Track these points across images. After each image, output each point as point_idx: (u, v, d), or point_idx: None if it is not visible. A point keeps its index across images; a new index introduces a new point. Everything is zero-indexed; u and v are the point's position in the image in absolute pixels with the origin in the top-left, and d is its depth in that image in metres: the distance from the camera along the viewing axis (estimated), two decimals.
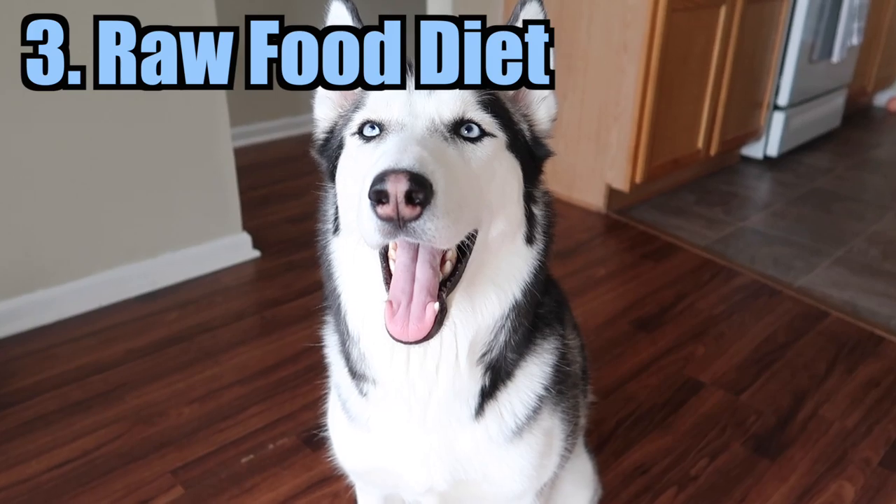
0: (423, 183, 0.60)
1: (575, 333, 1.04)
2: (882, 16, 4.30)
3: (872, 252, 2.73)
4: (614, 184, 2.96)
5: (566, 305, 1.04)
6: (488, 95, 0.75)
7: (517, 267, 0.79)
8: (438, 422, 0.80)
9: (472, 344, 0.77)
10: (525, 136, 0.81)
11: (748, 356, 2.02)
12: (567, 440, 0.92)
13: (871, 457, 1.64)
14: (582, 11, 2.83)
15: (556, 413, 0.87)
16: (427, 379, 0.78)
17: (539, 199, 0.82)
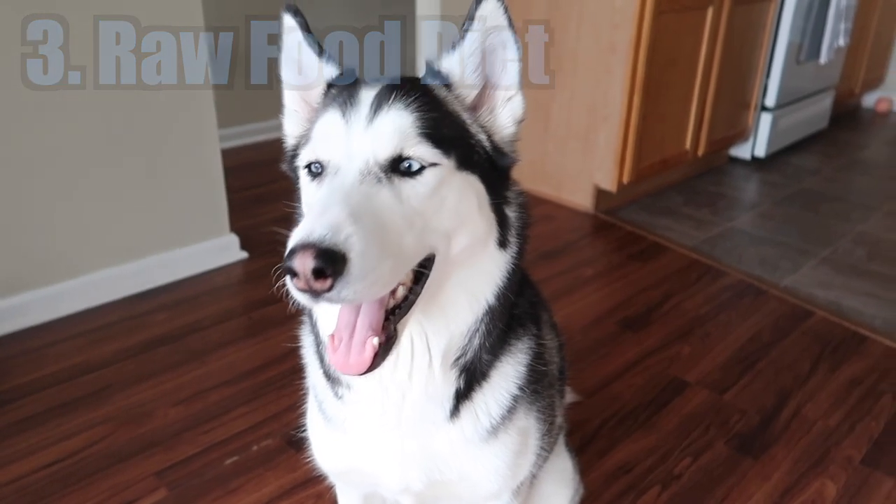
0: (333, 257, 0.60)
1: (553, 334, 1.05)
2: (869, 17, 4.33)
3: (858, 252, 2.75)
4: (602, 184, 2.97)
5: (544, 306, 1.05)
6: (432, 117, 0.72)
7: (489, 272, 0.78)
8: (413, 424, 0.81)
9: (447, 350, 0.78)
10: (484, 147, 0.78)
11: (733, 356, 2.04)
12: (543, 439, 0.93)
13: (853, 455, 1.66)
14: (571, 13, 2.85)
15: (532, 412, 0.88)
16: (400, 384, 0.78)
17: (512, 201, 0.82)
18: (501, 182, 0.80)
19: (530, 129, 3.15)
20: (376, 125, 0.70)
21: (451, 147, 0.72)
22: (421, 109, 0.71)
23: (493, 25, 0.75)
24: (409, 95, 0.72)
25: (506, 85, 0.79)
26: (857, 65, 4.49)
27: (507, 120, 0.80)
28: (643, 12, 2.63)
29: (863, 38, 4.38)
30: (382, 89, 0.73)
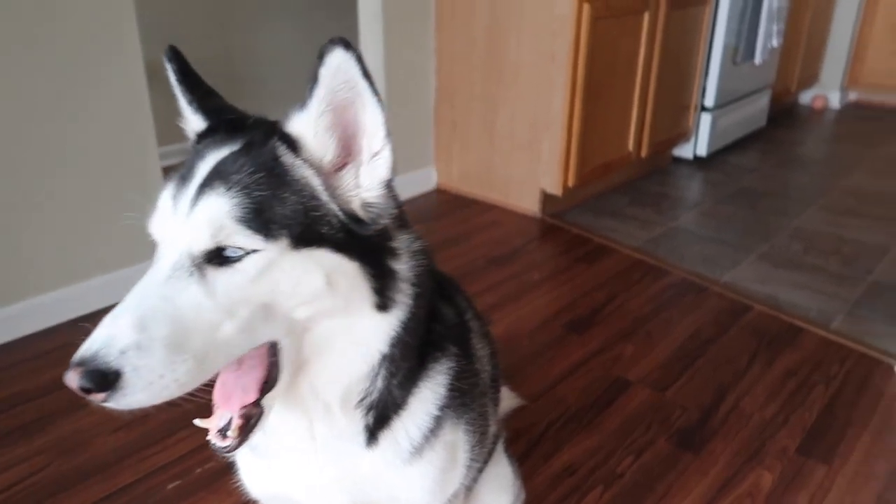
0: (102, 376, 0.60)
1: (484, 342, 1.06)
2: (801, 18, 4.49)
3: (794, 246, 2.84)
4: (548, 189, 3.01)
5: (475, 315, 1.06)
6: (259, 198, 0.66)
7: (372, 331, 0.75)
8: (329, 455, 0.82)
9: (344, 396, 0.77)
10: (336, 218, 0.71)
11: (674, 353, 2.09)
12: (474, 450, 0.94)
13: (788, 445, 1.71)
14: (511, 24, 2.89)
15: (460, 426, 0.89)
16: (306, 426, 0.79)
17: (402, 252, 0.77)
18: (379, 242, 0.74)
19: (477, 136, 3.18)
20: (195, 213, 0.66)
21: (283, 227, 0.66)
22: (245, 190, 0.65)
23: (343, 80, 0.68)
24: (236, 173, 0.66)
25: (367, 141, 0.71)
26: (792, 64, 4.64)
27: (370, 180, 0.73)
28: (580, 19, 2.68)
29: (796, 39, 4.54)
30: (218, 162, 0.68)
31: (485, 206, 3.21)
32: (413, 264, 0.77)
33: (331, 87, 0.68)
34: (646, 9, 3.00)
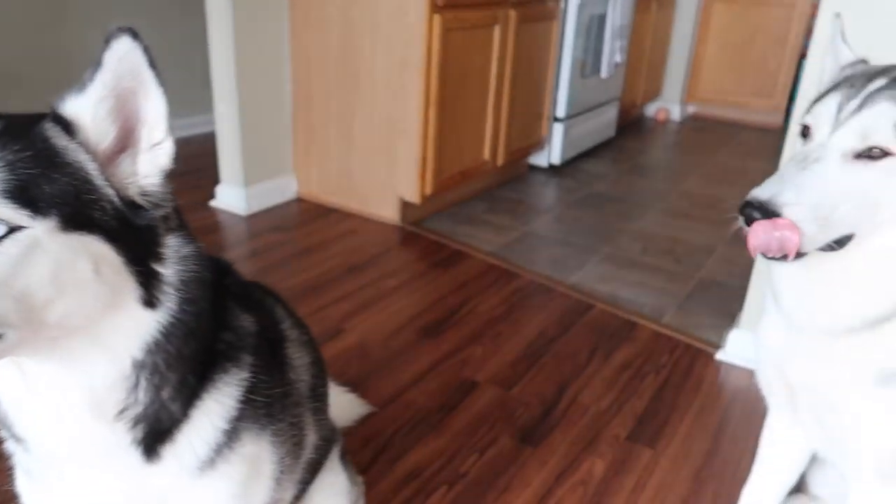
0: None
1: (304, 351, 1.05)
2: (643, 36, 4.83)
3: (635, 247, 3.05)
4: (407, 197, 3.05)
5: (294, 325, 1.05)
6: (29, 174, 0.63)
7: (128, 331, 0.72)
8: (107, 473, 0.78)
9: (95, 404, 0.73)
10: (112, 202, 0.69)
11: (521, 352, 2.17)
12: (284, 462, 0.93)
13: (619, 433, 1.83)
14: (365, 31, 2.90)
15: (264, 438, 0.87)
16: (66, 439, 0.75)
17: (170, 257, 0.74)
18: (149, 238, 0.72)
19: (335, 145, 3.16)
20: None
21: (52, 206, 0.64)
22: (9, 167, 0.62)
23: (128, 68, 0.68)
24: (3, 148, 0.63)
25: (148, 130, 0.72)
26: (636, 79, 4.98)
27: (149, 168, 0.72)
28: (431, 30, 2.74)
29: (639, 56, 4.88)
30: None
31: (344, 215, 3.20)
32: (180, 269, 0.75)
33: (116, 72, 0.69)
34: (496, 22, 3.11)
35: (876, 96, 0.90)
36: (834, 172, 0.90)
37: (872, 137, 0.89)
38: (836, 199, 0.89)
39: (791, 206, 0.87)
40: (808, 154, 0.92)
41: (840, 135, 0.91)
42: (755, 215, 0.87)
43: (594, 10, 3.86)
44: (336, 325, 2.27)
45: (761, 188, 0.89)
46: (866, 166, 0.90)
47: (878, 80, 0.93)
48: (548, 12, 3.54)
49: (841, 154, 0.90)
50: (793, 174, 0.90)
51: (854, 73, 0.97)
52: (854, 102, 0.91)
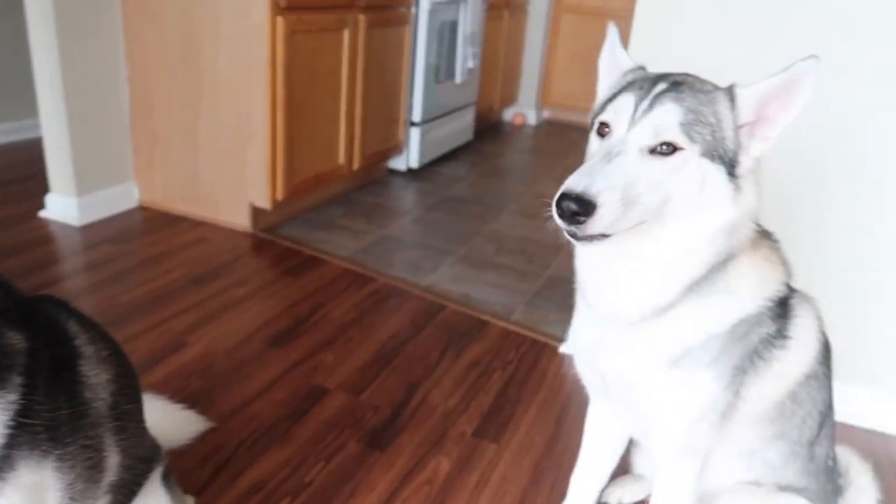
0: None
1: (102, 368, 0.98)
2: (496, 43, 5.00)
3: (488, 248, 3.13)
4: (257, 202, 2.96)
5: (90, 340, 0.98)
6: None
7: None
8: None
9: None
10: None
11: (372, 356, 2.17)
12: (74, 487, 0.86)
13: (466, 430, 1.87)
14: (207, 30, 2.78)
15: (46, 465, 0.80)
16: None
17: None
18: None
19: (179, 150, 3.01)
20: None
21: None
22: None
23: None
24: None
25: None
26: (492, 84, 5.14)
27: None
28: (275, 32, 2.68)
29: (494, 62, 5.04)
30: None
31: (192, 223, 3.05)
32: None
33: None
34: (344, 26, 3.09)
35: (662, 98, 0.98)
36: (634, 164, 0.96)
37: (663, 134, 0.97)
38: (637, 188, 0.96)
39: (603, 192, 0.92)
40: (610, 149, 0.98)
41: (637, 131, 0.98)
42: (572, 206, 0.92)
43: (445, 16, 3.94)
44: (178, 338, 2.16)
45: (574, 181, 0.94)
46: (660, 161, 0.97)
47: (660, 83, 1.01)
48: (399, 18, 3.57)
49: (638, 149, 0.97)
50: (600, 167, 0.96)
51: (637, 78, 1.05)
52: (645, 103, 0.99)
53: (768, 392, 1.14)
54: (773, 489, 1.27)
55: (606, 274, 1.09)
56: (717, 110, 1.00)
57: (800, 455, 1.25)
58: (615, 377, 1.16)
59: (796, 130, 1.06)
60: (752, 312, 1.07)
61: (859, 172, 1.85)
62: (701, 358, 1.07)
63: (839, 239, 1.92)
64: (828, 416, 1.29)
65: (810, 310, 1.17)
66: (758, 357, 1.10)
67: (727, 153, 1.00)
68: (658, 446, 1.20)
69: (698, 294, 1.05)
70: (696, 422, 1.11)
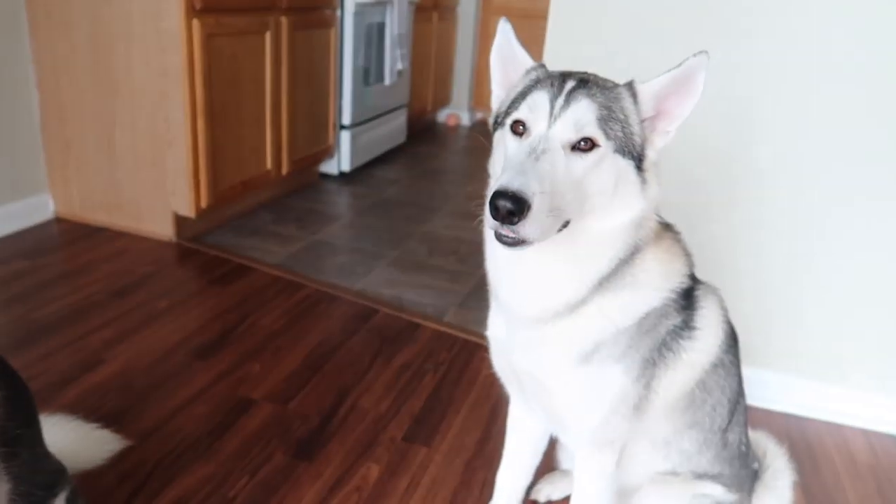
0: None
1: None
2: (427, 45, 5.00)
3: (421, 250, 3.13)
4: (181, 211, 2.87)
5: None
6: None
7: None
8: None
9: None
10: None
11: (301, 364, 2.13)
12: None
13: (396, 435, 1.85)
14: (118, 33, 2.68)
15: None
16: None
17: None
18: None
19: (96, 159, 2.90)
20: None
21: None
22: None
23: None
24: None
25: None
26: (424, 86, 5.14)
27: None
28: (191, 36, 2.60)
29: (425, 64, 5.04)
30: None
31: (113, 234, 2.94)
32: None
33: None
34: (266, 29, 3.03)
35: (576, 94, 0.99)
36: (561, 162, 0.96)
37: (584, 129, 0.97)
38: (564, 187, 0.96)
39: (538, 194, 0.91)
40: (535, 146, 0.97)
41: (559, 127, 0.98)
42: (507, 205, 0.89)
43: (372, 18, 3.91)
44: (95, 355, 2.07)
45: (509, 179, 0.91)
46: (581, 157, 0.98)
47: (569, 81, 1.02)
48: (323, 20, 3.52)
49: (561, 145, 0.97)
50: (530, 165, 0.94)
51: (542, 76, 1.06)
52: (561, 99, 0.99)
53: (678, 382, 1.17)
54: (690, 477, 1.30)
55: (518, 275, 1.09)
56: (624, 106, 1.02)
57: (713, 442, 1.28)
58: (529, 376, 1.16)
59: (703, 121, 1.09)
60: (659, 305, 1.10)
61: (754, 162, 1.92)
62: (611, 352, 1.09)
63: (745, 229, 1.99)
64: (738, 402, 1.32)
65: (714, 300, 1.20)
66: (666, 349, 1.13)
67: (635, 148, 1.02)
68: (573, 441, 1.21)
69: (607, 289, 1.07)
70: (608, 415, 1.12)
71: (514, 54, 1.12)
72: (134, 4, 2.61)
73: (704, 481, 1.31)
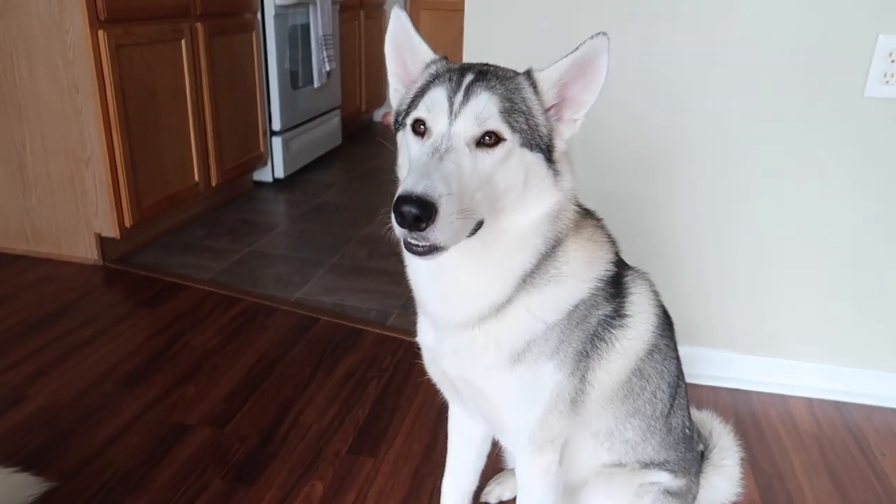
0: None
1: None
2: (354, 45, 4.91)
3: (361, 253, 3.06)
4: (104, 232, 2.73)
5: None
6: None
7: None
8: None
9: None
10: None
11: (239, 383, 2.04)
12: None
13: (341, 448, 1.79)
14: (17, 49, 2.53)
15: None
16: None
17: None
18: None
19: (5, 184, 2.73)
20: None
21: None
22: None
23: None
24: None
25: None
26: (356, 86, 5.06)
27: None
28: (98, 47, 2.47)
29: (355, 63, 4.95)
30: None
31: (33, 262, 2.78)
32: None
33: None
34: (181, 36, 2.91)
35: (474, 88, 0.94)
36: (466, 160, 0.91)
37: (487, 122, 0.93)
38: (473, 186, 0.91)
39: (445, 196, 0.85)
40: (437, 145, 0.92)
41: (460, 123, 0.93)
42: (413, 211, 0.84)
43: (295, 20, 3.81)
44: (15, 392, 1.94)
45: (412, 183, 0.85)
46: (487, 153, 0.93)
47: (468, 74, 0.97)
48: (243, 24, 3.41)
49: (465, 142, 0.93)
50: (435, 166, 0.89)
51: (441, 70, 1.01)
52: (460, 94, 0.94)
53: (614, 372, 1.14)
54: (636, 467, 1.28)
55: (439, 281, 1.04)
56: (525, 97, 0.98)
57: (656, 429, 1.26)
58: (461, 380, 1.12)
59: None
60: (586, 296, 1.06)
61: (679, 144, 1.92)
62: (542, 350, 1.05)
63: (682, 206, 1.99)
64: (679, 386, 1.31)
65: (644, 285, 1.18)
66: (598, 339, 1.10)
67: (542, 139, 0.98)
68: (513, 443, 1.17)
69: (532, 286, 1.03)
70: (546, 413, 1.09)
71: (412, 45, 1.06)
72: (32, 19, 2.46)
73: (651, 469, 1.29)
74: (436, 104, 0.95)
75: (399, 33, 1.06)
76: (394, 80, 1.09)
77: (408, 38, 1.06)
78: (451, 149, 0.91)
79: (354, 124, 5.16)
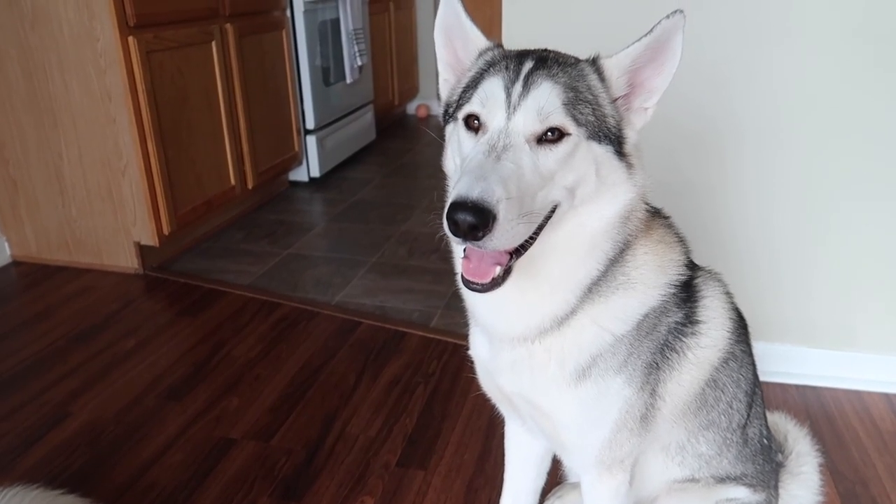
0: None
1: None
2: (385, 38, 4.83)
3: (401, 251, 2.98)
4: (143, 240, 2.71)
5: None
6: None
7: None
8: None
9: None
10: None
11: (282, 393, 1.99)
12: None
13: (390, 460, 1.71)
14: (50, 60, 2.51)
15: None
16: None
17: None
18: None
19: (45, 195, 2.73)
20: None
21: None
22: None
23: None
24: None
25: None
26: (388, 79, 4.97)
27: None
28: (129, 53, 2.43)
29: (386, 56, 4.87)
30: None
31: (75, 273, 2.78)
32: None
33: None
34: (211, 38, 2.87)
35: (535, 77, 0.85)
36: (527, 158, 0.82)
37: (550, 118, 0.83)
38: (534, 187, 0.81)
39: (504, 200, 0.76)
40: (494, 143, 0.83)
41: (519, 118, 0.84)
42: (469, 219, 0.75)
43: (324, 15, 3.74)
44: (59, 409, 1.92)
45: (467, 187, 0.77)
46: (550, 150, 0.83)
47: (526, 61, 0.87)
48: (272, 23, 3.35)
49: (525, 138, 0.83)
50: (491, 167, 0.80)
51: (496, 58, 0.91)
52: (518, 85, 0.85)
53: (686, 384, 1.04)
54: (711, 482, 1.18)
55: (495, 292, 0.95)
56: (591, 84, 0.88)
57: (732, 441, 1.16)
58: (520, 398, 1.03)
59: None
60: (657, 304, 0.96)
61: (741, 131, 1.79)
62: (610, 364, 0.95)
63: (754, 201, 1.86)
64: (755, 394, 1.20)
65: (717, 287, 1.07)
66: (669, 349, 1.00)
67: (611, 131, 0.88)
68: (578, 463, 1.08)
69: (598, 295, 0.93)
70: (615, 432, 0.99)
71: (464, 31, 0.96)
72: (63, 28, 2.44)
73: (727, 484, 1.19)
74: (491, 96, 0.86)
75: (450, 18, 0.96)
76: (444, 68, 1.00)
77: (459, 23, 0.96)
78: (510, 146, 0.82)
79: (387, 118, 5.09)
